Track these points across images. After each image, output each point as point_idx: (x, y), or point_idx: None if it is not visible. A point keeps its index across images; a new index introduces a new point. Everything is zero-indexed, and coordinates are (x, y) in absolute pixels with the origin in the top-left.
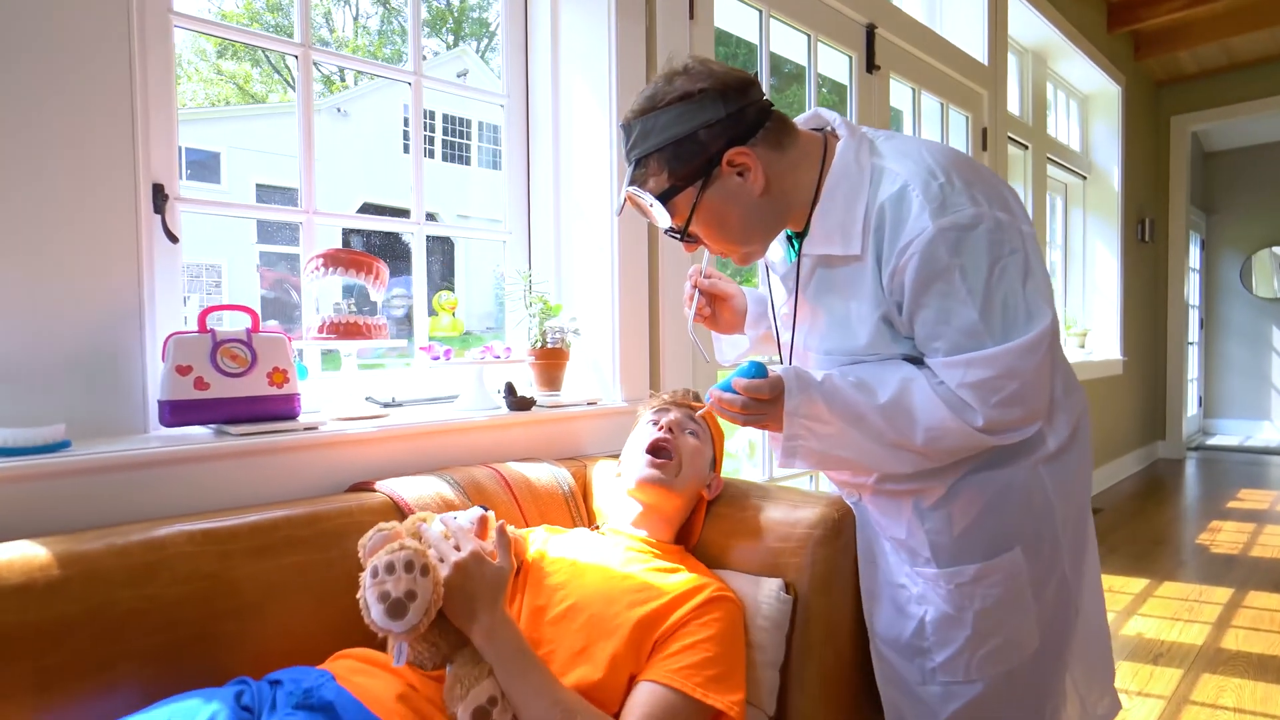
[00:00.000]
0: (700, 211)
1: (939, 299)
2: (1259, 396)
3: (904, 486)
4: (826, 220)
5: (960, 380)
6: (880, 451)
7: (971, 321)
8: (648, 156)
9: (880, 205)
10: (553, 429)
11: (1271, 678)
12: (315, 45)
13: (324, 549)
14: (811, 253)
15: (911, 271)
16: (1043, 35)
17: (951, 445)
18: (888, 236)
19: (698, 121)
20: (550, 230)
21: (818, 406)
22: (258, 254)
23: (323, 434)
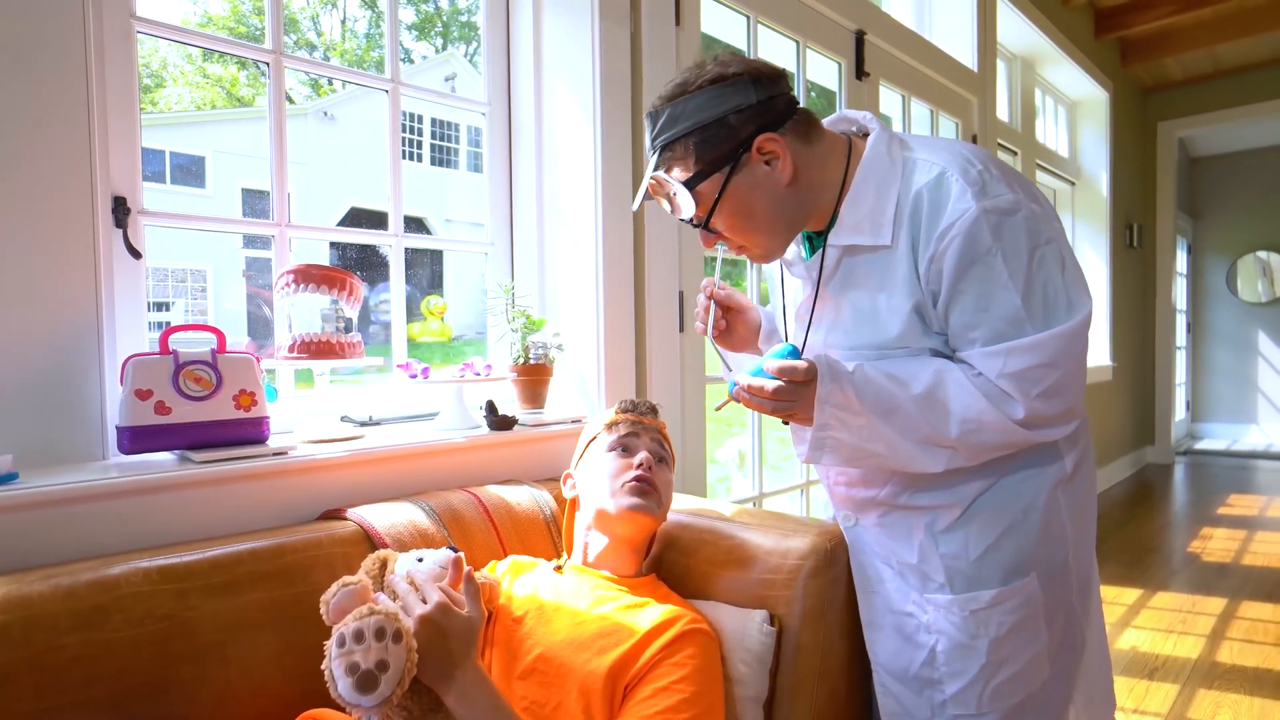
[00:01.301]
0: (726, 200)
1: (980, 284)
2: (1245, 401)
3: (921, 503)
4: (856, 210)
5: (1001, 370)
6: (911, 448)
7: (1014, 307)
8: (674, 142)
9: (916, 192)
10: (535, 449)
11: (1268, 693)
12: (289, 52)
13: (290, 584)
14: (838, 243)
15: (953, 254)
16: (1031, 42)
17: (989, 440)
18: (925, 222)
19: (728, 106)
20: (533, 241)
21: (849, 396)
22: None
23: (293, 459)
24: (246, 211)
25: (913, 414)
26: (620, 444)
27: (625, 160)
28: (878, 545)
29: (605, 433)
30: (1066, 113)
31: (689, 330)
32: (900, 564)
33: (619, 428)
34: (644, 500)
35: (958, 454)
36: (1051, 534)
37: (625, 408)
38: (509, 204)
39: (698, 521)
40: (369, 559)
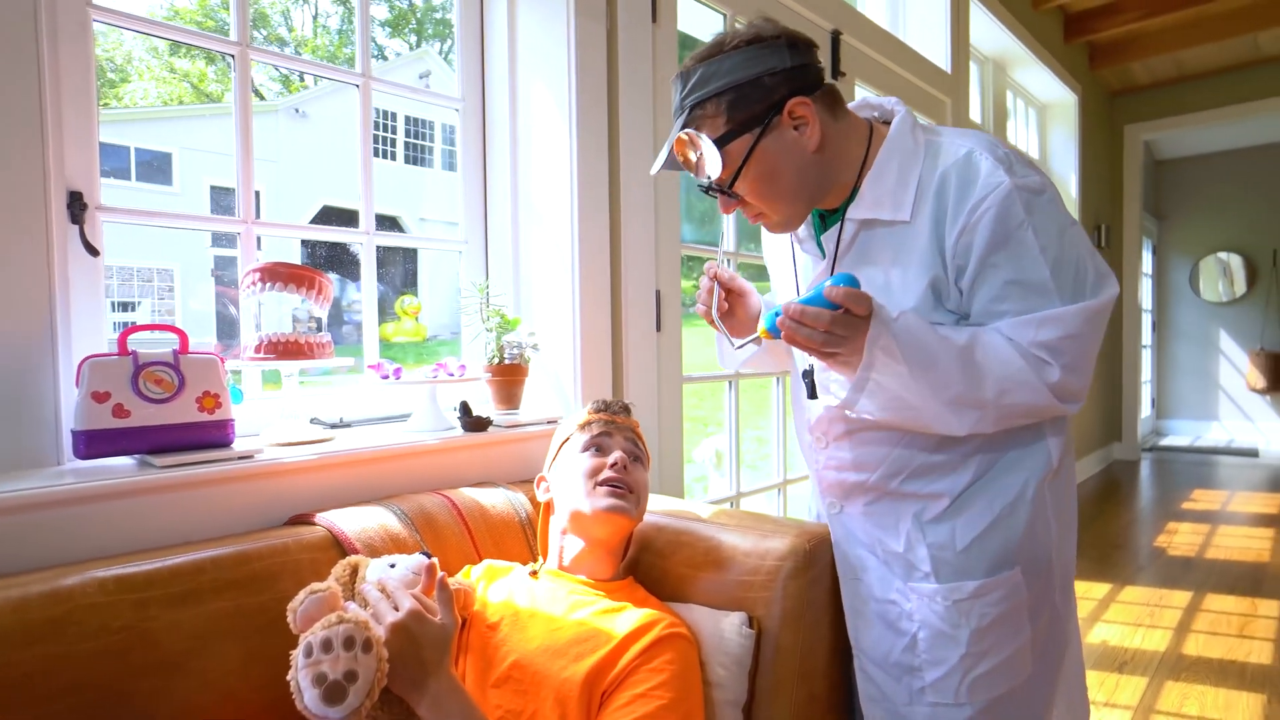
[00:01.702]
0: (753, 162)
1: (1011, 257)
2: (1207, 398)
3: (912, 489)
4: (878, 186)
5: (1033, 338)
6: (940, 406)
7: (1043, 279)
8: (707, 100)
9: (943, 172)
10: (510, 450)
11: (1232, 684)
12: (256, 45)
13: (255, 592)
14: (856, 217)
15: (986, 225)
16: (1002, 44)
17: (1020, 402)
18: (954, 198)
19: (764, 67)
20: (508, 240)
21: (894, 342)
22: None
23: (259, 463)
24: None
25: (950, 369)
26: (594, 444)
27: (601, 158)
28: (862, 533)
29: (578, 433)
30: (1037, 115)
31: (666, 330)
32: (885, 552)
33: (592, 427)
34: (620, 501)
35: (985, 416)
36: (1036, 529)
37: (598, 408)
38: (483, 202)
39: (674, 523)
40: (339, 565)
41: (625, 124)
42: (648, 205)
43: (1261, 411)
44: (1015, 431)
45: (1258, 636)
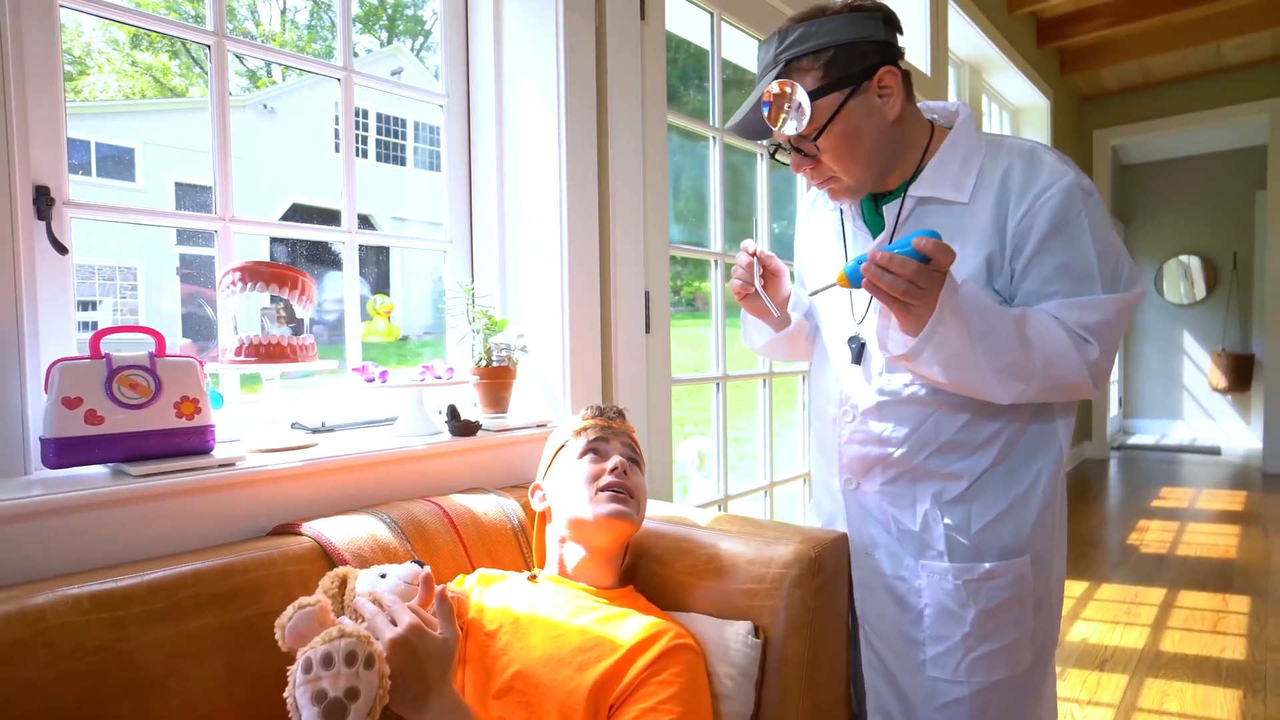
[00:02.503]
0: (840, 119)
1: (1066, 243)
2: (1172, 397)
3: (934, 465)
4: (941, 170)
5: (1078, 320)
6: (990, 373)
7: (1091, 267)
8: (803, 56)
9: (1008, 164)
10: (500, 454)
11: (1209, 679)
12: (232, 35)
13: (240, 607)
14: (918, 194)
15: (1049, 211)
16: (978, 48)
17: (1062, 376)
18: (1017, 186)
19: (861, 34)
20: (494, 239)
21: (960, 303)
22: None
23: (241, 470)
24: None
25: (1006, 337)
26: (591, 449)
27: (590, 157)
28: (877, 511)
29: (574, 439)
30: (1010, 119)
31: (655, 331)
32: (900, 531)
33: (589, 432)
34: (622, 505)
35: (1029, 388)
36: (1044, 521)
37: (593, 413)
38: (468, 200)
39: (674, 529)
40: (327, 577)
41: (614, 123)
42: (636, 205)
43: (1223, 411)
44: (1032, 422)
45: (1230, 632)
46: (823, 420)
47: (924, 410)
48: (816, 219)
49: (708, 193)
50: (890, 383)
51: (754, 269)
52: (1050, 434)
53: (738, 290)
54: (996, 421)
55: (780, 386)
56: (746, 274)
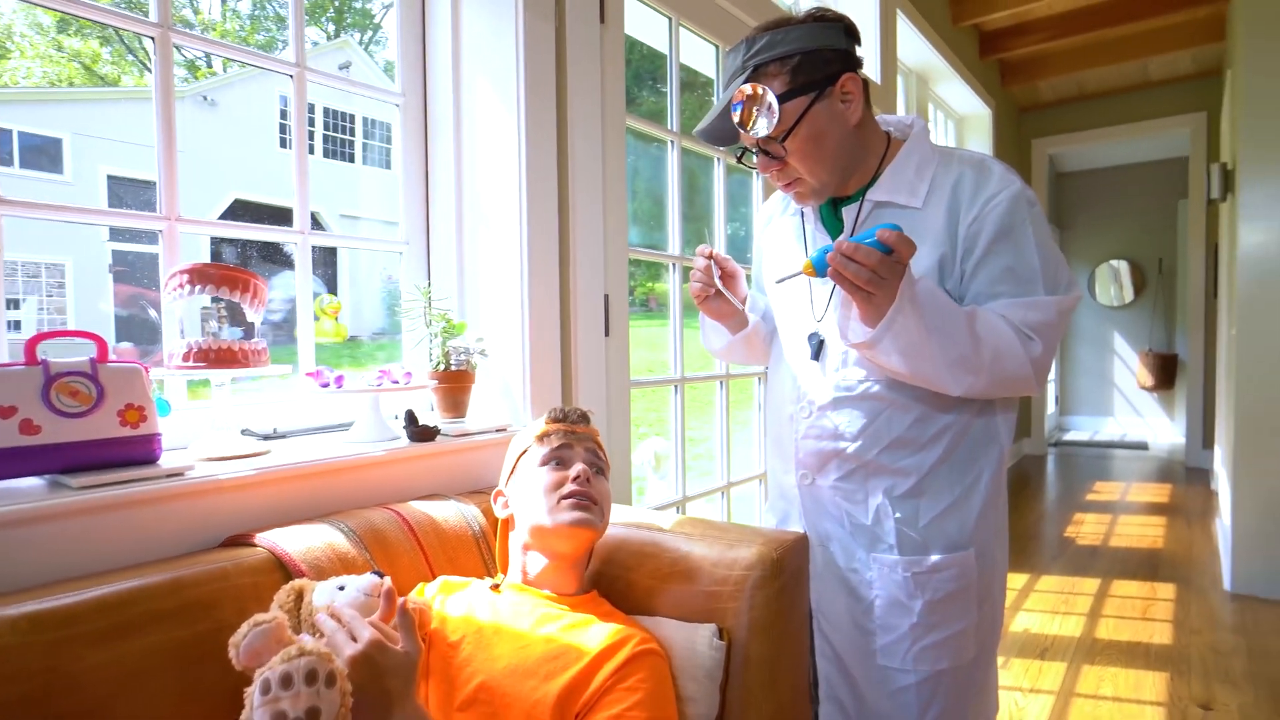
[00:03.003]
0: (805, 122)
1: (1012, 247)
2: (1103, 395)
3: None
4: (897, 176)
5: (1022, 318)
6: (944, 364)
7: (1035, 270)
8: (770, 63)
9: (960, 172)
10: (459, 460)
11: (1140, 664)
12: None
13: (192, 623)
14: (875, 198)
15: (996, 217)
16: (925, 58)
17: (1009, 370)
18: (968, 193)
19: (825, 42)
20: (452, 241)
21: (918, 294)
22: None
23: (190, 480)
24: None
25: (957, 331)
26: (554, 456)
27: (550, 159)
28: (831, 506)
29: (537, 445)
30: (955, 127)
31: (614, 334)
32: (853, 525)
33: (551, 439)
34: (585, 513)
35: (979, 381)
36: (987, 516)
37: (556, 417)
38: (425, 201)
39: (638, 534)
40: (282, 591)
41: (574, 125)
42: (596, 208)
43: (1150, 408)
44: (976, 420)
45: (1158, 619)
46: (779, 418)
47: (877, 406)
48: (777, 226)
49: (665, 196)
50: (845, 379)
51: (712, 271)
52: (992, 433)
53: (697, 293)
54: (943, 419)
55: (736, 388)
56: (705, 276)
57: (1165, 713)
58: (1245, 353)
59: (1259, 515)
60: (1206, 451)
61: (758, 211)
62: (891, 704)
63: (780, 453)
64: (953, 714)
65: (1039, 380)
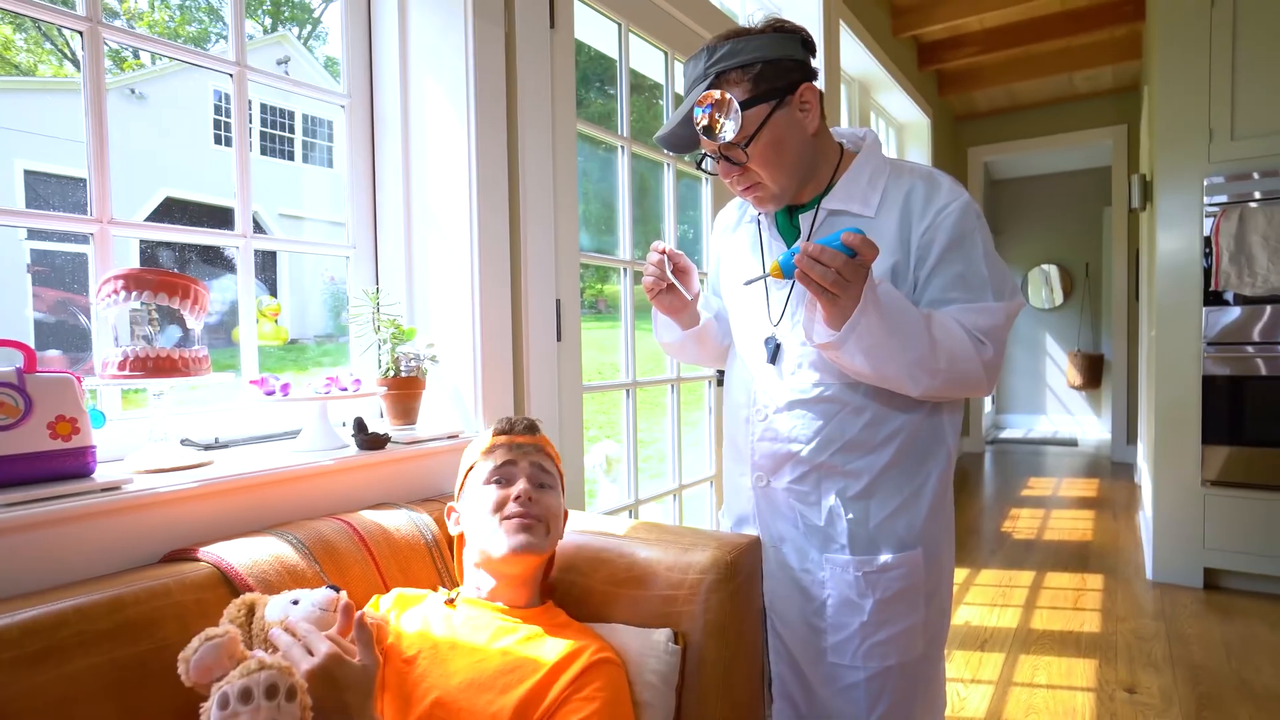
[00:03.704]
0: (767, 129)
1: (965, 254)
2: (1036, 394)
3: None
4: (850, 186)
5: (974, 323)
6: (902, 364)
7: (984, 278)
8: (731, 70)
9: (911, 184)
10: (410, 467)
11: (1071, 652)
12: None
13: (132, 642)
14: (830, 206)
15: (948, 227)
16: (866, 68)
17: (963, 371)
18: (920, 203)
19: (785, 52)
20: (400, 245)
21: (879, 297)
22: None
23: (127, 494)
24: (30, 199)
25: (916, 332)
26: (497, 474)
27: (500, 163)
28: (786, 507)
29: (482, 460)
30: (895, 134)
31: (566, 339)
32: (806, 525)
33: (495, 454)
34: (527, 536)
35: (935, 381)
36: (934, 517)
37: (501, 429)
38: (372, 205)
39: (594, 540)
40: (233, 605)
41: (524, 129)
42: (547, 212)
43: (1079, 406)
44: (924, 424)
45: (1088, 608)
46: (734, 421)
47: (830, 409)
48: (734, 234)
49: (616, 199)
50: (800, 383)
51: (665, 265)
52: (939, 435)
53: (650, 286)
54: (894, 422)
55: (687, 390)
56: (659, 270)
57: (1094, 698)
58: (1163, 353)
59: (1175, 507)
60: (1130, 447)
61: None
62: (842, 700)
63: (735, 455)
64: (901, 708)
65: (990, 382)
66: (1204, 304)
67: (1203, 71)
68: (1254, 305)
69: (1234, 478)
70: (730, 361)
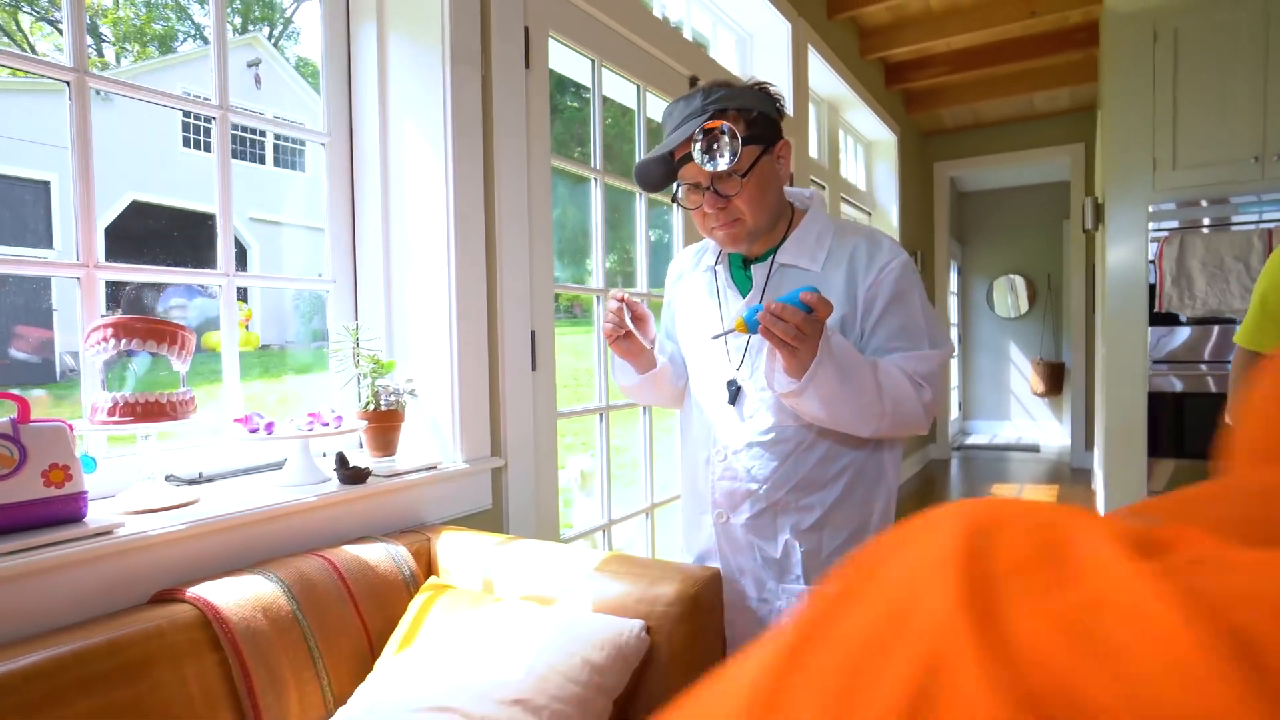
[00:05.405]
0: (756, 170)
1: (903, 307)
2: (1001, 400)
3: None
4: (800, 243)
5: (914, 369)
6: (854, 410)
7: (921, 328)
8: (730, 110)
9: (855, 243)
10: (390, 500)
11: None
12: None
13: (130, 683)
14: (782, 261)
15: (889, 282)
16: (835, 89)
17: (906, 414)
18: (864, 262)
19: (770, 108)
20: (379, 280)
21: (834, 350)
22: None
23: (118, 538)
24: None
25: (865, 381)
26: None
27: (477, 199)
28: (744, 542)
29: None
30: (864, 152)
31: (541, 368)
32: (764, 558)
33: None
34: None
35: (882, 424)
36: None
37: None
38: (352, 239)
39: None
40: None
41: (500, 166)
42: (522, 246)
43: (1042, 412)
44: (868, 462)
45: None
46: (694, 462)
47: (785, 449)
48: (689, 282)
49: (590, 229)
50: (759, 425)
51: (624, 313)
52: (882, 471)
53: (609, 333)
54: (842, 460)
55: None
56: (617, 318)
57: None
58: (1112, 370)
59: None
60: (1088, 453)
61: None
62: None
63: (696, 495)
64: None
65: (928, 422)
66: (1150, 324)
67: (1148, 103)
68: (1197, 326)
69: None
70: (687, 405)
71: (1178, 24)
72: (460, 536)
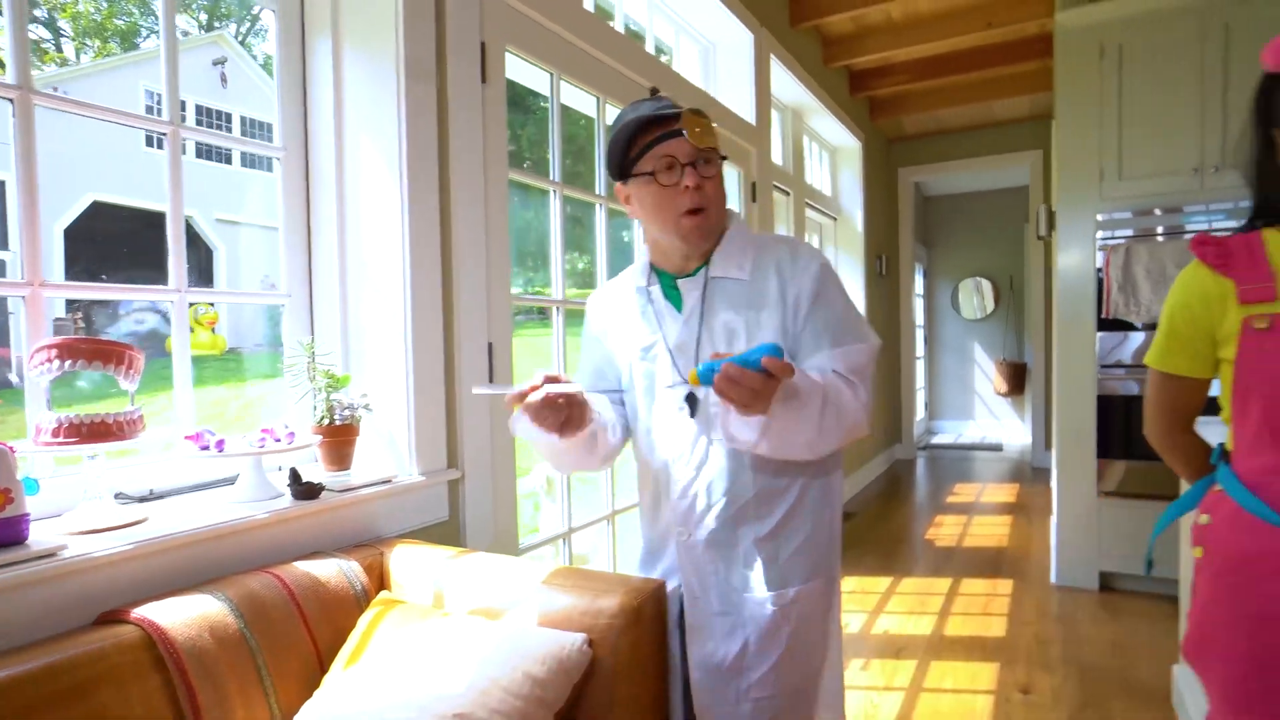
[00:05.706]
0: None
1: (827, 305)
2: (965, 401)
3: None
4: (727, 256)
5: (845, 364)
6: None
7: (842, 321)
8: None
9: (778, 254)
10: (343, 514)
11: (978, 656)
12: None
13: (72, 706)
14: (714, 274)
15: (810, 283)
16: (799, 97)
17: (848, 424)
18: (788, 268)
19: None
20: (335, 293)
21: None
22: None
23: (62, 560)
24: None
25: (817, 409)
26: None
27: (433, 213)
28: (706, 557)
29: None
30: (829, 158)
31: (499, 381)
32: (726, 569)
33: None
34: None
35: (829, 442)
36: (829, 551)
37: None
38: (307, 254)
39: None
40: None
41: (456, 180)
42: (480, 259)
43: (1005, 411)
44: (817, 476)
45: (995, 613)
46: (654, 486)
47: (740, 468)
48: (618, 305)
49: (548, 239)
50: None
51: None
52: (830, 483)
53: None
54: (794, 468)
55: None
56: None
57: (993, 700)
58: (1063, 374)
59: (1075, 516)
60: (1048, 453)
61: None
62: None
63: (656, 515)
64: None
65: (868, 422)
66: (1098, 329)
67: (1095, 116)
68: (1150, 332)
69: (1127, 489)
70: (643, 434)
71: (1122, 40)
72: (414, 550)
